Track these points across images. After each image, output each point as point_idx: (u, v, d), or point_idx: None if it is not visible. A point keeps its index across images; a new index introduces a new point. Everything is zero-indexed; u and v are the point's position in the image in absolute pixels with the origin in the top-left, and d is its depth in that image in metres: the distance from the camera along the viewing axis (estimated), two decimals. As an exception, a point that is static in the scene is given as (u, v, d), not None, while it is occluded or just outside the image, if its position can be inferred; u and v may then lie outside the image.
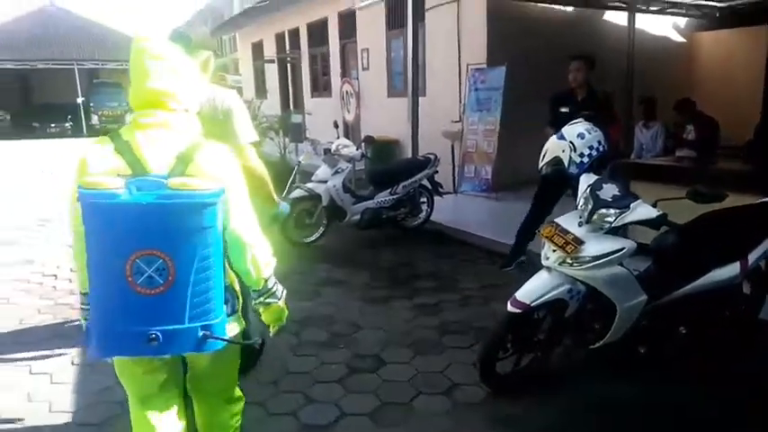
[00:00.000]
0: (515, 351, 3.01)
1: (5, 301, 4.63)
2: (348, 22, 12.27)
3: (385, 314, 4.21)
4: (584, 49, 5.83)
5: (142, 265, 1.46)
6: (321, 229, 6.15)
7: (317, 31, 13.78)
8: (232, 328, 1.74)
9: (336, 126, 6.36)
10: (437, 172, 6.63)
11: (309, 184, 5.95)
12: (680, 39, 10.93)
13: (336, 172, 5.95)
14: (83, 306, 1.81)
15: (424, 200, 6.72)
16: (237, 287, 1.84)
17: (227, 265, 1.71)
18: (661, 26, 10.53)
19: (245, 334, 1.94)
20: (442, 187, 6.70)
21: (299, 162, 6.95)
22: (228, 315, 1.71)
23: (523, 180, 8.11)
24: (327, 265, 5.45)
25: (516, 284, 3.03)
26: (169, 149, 1.61)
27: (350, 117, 8.48)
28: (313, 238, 6.11)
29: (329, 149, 6.11)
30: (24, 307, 4.45)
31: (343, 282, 4.95)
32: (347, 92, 8.70)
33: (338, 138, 6.28)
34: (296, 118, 8.06)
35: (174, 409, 1.84)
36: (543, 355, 3.11)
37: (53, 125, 23.64)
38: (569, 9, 9.02)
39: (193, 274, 1.52)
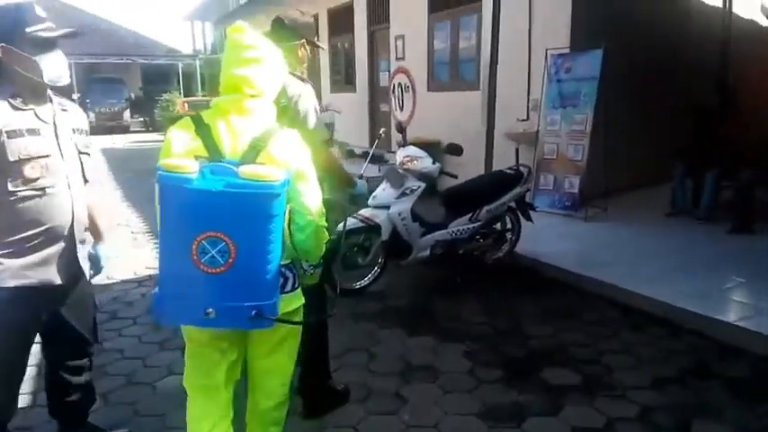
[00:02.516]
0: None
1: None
2: (379, 5, 10.60)
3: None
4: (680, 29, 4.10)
5: (207, 245, 1.55)
6: (376, 270, 4.45)
7: (341, 18, 12.11)
8: (288, 304, 1.82)
9: (401, 130, 4.67)
10: (529, 190, 4.92)
11: (365, 212, 4.23)
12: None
13: (403, 194, 4.23)
14: None
15: (509, 226, 5.01)
16: (300, 264, 1.92)
17: (288, 243, 1.79)
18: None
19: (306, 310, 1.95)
20: (534, 209, 4.98)
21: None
22: (288, 291, 1.83)
23: (617, 194, 6.46)
24: (394, 329, 3.74)
25: None
26: (244, 135, 1.71)
27: (403, 116, 6.73)
28: (365, 283, 4.41)
29: (382, 161, 4.36)
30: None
31: (431, 368, 3.23)
32: (400, 84, 6.92)
33: (402, 145, 4.54)
34: (326, 117, 6.35)
35: (226, 396, 1.90)
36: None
37: (48, 123, 21.97)
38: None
39: (253, 257, 1.60)
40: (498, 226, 4.94)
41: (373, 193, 4.30)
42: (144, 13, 61.72)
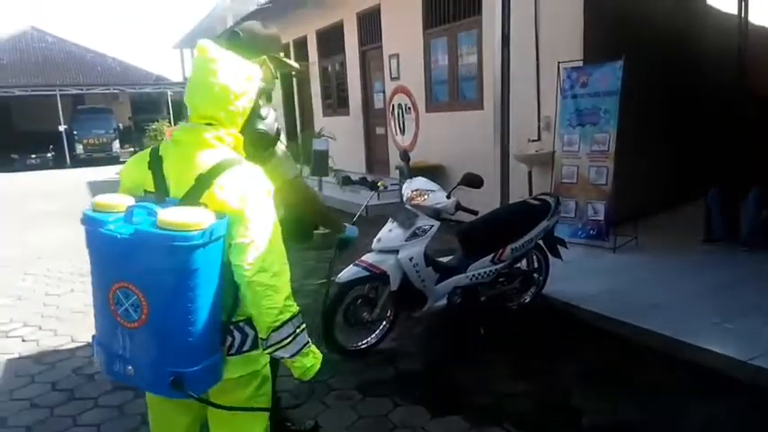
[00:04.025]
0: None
1: None
2: (370, 23, 10.06)
3: None
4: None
5: (121, 296, 1.42)
6: (385, 326, 3.76)
7: (331, 39, 11.57)
8: (234, 369, 1.59)
9: (404, 158, 4.02)
10: (558, 222, 4.28)
11: (369, 257, 3.56)
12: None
13: (414, 235, 3.56)
14: None
15: (536, 265, 4.36)
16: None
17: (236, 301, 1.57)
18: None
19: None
20: (565, 246, 4.32)
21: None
22: (234, 354, 1.58)
23: (644, 219, 5.83)
24: (412, 407, 3.04)
25: None
26: (194, 170, 1.51)
27: (405, 141, 6.10)
28: (372, 341, 3.72)
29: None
30: None
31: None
32: (400, 105, 6.30)
33: (408, 177, 3.90)
34: (320, 144, 5.77)
35: None
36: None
37: (33, 156, 21.62)
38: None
39: (169, 316, 1.41)
40: (523, 265, 4.28)
41: (377, 236, 3.65)
42: (131, 41, 61.56)
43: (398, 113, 6.45)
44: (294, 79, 13.62)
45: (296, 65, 2.70)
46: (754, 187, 5.10)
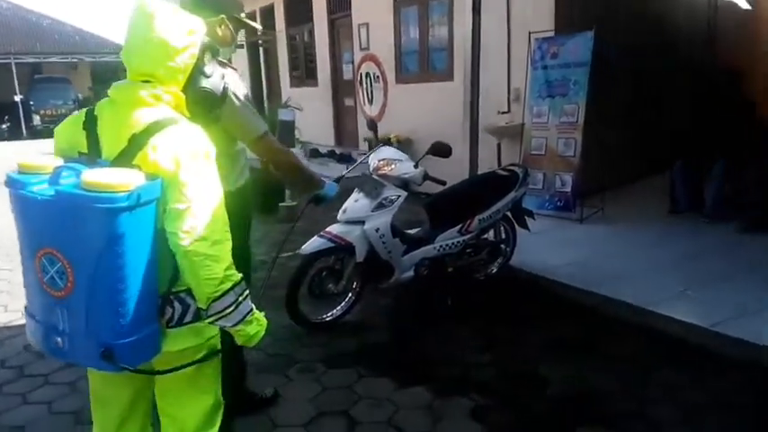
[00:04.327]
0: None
1: None
2: (339, -10, 9.77)
3: None
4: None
5: (46, 263, 1.34)
6: (351, 298, 3.68)
7: (298, 6, 11.22)
8: (174, 342, 1.48)
9: (372, 127, 3.89)
10: (525, 193, 4.24)
11: (335, 228, 3.45)
12: None
13: (381, 206, 3.46)
14: None
15: (503, 236, 4.33)
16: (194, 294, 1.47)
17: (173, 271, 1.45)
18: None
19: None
20: (532, 216, 4.29)
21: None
22: (173, 326, 1.48)
23: (611, 190, 5.84)
24: (377, 378, 2.99)
25: None
26: (129, 129, 1.41)
27: (373, 111, 5.96)
28: (338, 314, 3.65)
29: (351, 161, 3.55)
30: None
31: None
32: (369, 74, 6.15)
33: (378, 145, 3.78)
34: (285, 114, 5.56)
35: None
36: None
37: (-13, 127, 20.55)
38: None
39: (96, 284, 1.31)
40: (491, 236, 4.24)
41: (343, 206, 3.54)
42: (90, 7, 59.16)
43: (367, 83, 6.27)
44: (261, 49, 13.27)
45: (258, 26, 2.56)
46: (719, 160, 5.14)
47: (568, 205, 5.57)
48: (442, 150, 3.53)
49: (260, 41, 12.89)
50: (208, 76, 1.61)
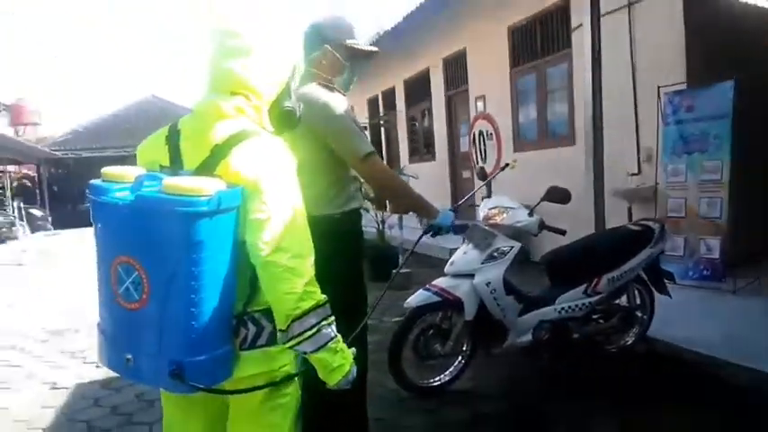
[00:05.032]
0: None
1: None
2: (456, 67, 9.99)
3: None
4: None
5: (122, 273, 1.29)
6: (460, 362, 3.35)
7: (416, 86, 11.63)
8: (245, 367, 1.40)
9: (484, 177, 3.70)
10: (663, 251, 3.73)
11: (441, 281, 3.21)
12: None
13: (491, 257, 3.18)
14: None
15: (639, 301, 3.79)
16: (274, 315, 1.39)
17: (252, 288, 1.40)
18: None
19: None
20: (672, 280, 3.75)
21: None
22: (246, 349, 1.40)
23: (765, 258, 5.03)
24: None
25: None
26: (210, 141, 1.39)
27: (487, 169, 5.76)
28: (446, 379, 3.32)
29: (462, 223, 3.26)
30: None
31: None
32: (482, 132, 6.04)
33: (486, 195, 3.56)
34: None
35: None
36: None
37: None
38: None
39: (171, 295, 1.26)
40: (623, 301, 3.73)
41: (451, 259, 3.30)
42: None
43: (480, 141, 6.15)
44: (382, 128, 13.81)
45: (374, 48, 2.43)
46: None
47: (717, 274, 4.85)
48: (559, 195, 3.21)
49: (381, 122, 13.45)
50: (290, 97, 1.62)
